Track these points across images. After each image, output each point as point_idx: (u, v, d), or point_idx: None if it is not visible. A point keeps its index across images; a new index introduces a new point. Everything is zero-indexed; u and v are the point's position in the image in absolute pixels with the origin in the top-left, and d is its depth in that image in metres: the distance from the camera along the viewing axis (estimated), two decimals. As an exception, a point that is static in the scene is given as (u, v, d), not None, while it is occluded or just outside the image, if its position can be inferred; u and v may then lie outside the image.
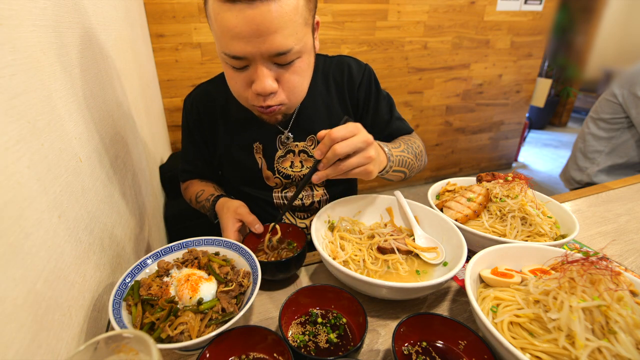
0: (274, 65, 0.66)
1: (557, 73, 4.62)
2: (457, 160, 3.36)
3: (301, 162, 0.91)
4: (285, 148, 0.90)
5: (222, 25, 0.61)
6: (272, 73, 0.67)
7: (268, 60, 0.65)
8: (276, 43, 0.62)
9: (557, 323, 0.47)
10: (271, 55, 0.64)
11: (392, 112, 0.97)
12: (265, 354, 0.54)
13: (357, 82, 0.92)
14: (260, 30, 0.60)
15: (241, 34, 0.60)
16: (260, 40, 0.61)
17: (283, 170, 0.91)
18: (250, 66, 0.66)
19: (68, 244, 0.52)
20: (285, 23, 0.61)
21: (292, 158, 0.91)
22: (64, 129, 0.56)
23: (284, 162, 0.91)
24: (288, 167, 0.91)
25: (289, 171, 0.91)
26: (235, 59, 0.64)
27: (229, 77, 0.71)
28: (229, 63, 0.67)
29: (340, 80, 0.92)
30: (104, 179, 0.73)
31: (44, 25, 0.54)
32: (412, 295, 0.65)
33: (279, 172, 0.91)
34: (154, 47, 2.04)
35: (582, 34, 4.42)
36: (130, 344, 0.37)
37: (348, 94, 0.93)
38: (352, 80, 0.92)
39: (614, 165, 1.81)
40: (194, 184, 0.98)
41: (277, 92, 0.70)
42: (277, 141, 0.90)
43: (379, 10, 2.44)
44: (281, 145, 0.90)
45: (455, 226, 0.75)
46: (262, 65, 0.65)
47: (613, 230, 0.93)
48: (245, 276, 0.64)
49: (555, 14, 3.03)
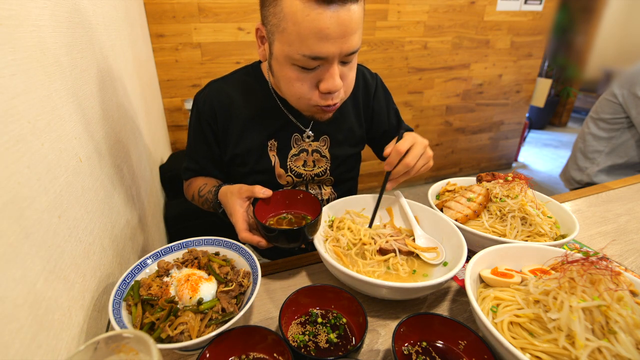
0: (340, 63, 0.70)
1: (557, 73, 4.62)
2: (457, 160, 3.36)
3: (314, 161, 0.94)
4: (299, 147, 0.92)
5: (312, 26, 0.61)
6: (339, 71, 0.70)
7: (340, 59, 0.68)
8: (354, 42, 0.66)
9: (557, 323, 0.47)
10: (347, 55, 0.67)
11: (397, 116, 1.05)
12: (265, 354, 0.54)
13: (372, 92, 0.98)
14: (346, 31, 0.63)
15: (331, 35, 0.62)
16: (344, 40, 0.64)
17: (295, 169, 0.93)
18: (321, 66, 0.68)
19: (68, 244, 0.52)
20: (361, 23, 0.66)
21: (305, 157, 0.93)
22: (64, 129, 0.56)
23: (297, 161, 0.93)
24: (301, 165, 0.93)
25: (301, 170, 0.93)
26: (314, 60, 0.66)
27: (295, 79, 0.70)
28: (302, 65, 0.67)
29: (355, 87, 0.94)
30: (104, 179, 0.73)
31: (44, 25, 0.54)
32: (412, 295, 0.65)
33: (292, 170, 0.93)
34: (154, 47, 2.04)
35: (582, 34, 4.42)
36: (130, 344, 0.37)
37: (363, 102, 0.97)
38: (367, 90, 0.97)
39: (614, 165, 1.81)
40: (197, 180, 0.97)
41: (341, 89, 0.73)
42: (292, 140, 0.92)
43: (379, 10, 2.44)
44: (295, 144, 0.92)
45: (455, 226, 0.75)
46: (336, 64, 0.68)
47: (613, 230, 0.93)
48: (245, 276, 0.64)
49: (555, 14, 3.03)
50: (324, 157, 0.94)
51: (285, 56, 0.68)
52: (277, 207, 0.78)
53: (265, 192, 0.73)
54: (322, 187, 0.99)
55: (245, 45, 2.19)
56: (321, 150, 0.93)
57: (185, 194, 1.02)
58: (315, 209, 0.75)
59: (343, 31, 0.62)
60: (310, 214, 0.76)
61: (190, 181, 0.99)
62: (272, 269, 0.78)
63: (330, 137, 0.94)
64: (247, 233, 0.70)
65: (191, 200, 0.99)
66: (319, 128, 0.92)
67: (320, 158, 0.94)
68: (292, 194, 0.78)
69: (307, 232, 0.69)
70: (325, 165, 0.95)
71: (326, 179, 0.97)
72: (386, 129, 1.02)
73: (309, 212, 0.77)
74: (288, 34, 0.64)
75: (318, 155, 0.93)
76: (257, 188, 0.73)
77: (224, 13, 2.07)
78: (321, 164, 0.94)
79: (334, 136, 0.94)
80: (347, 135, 0.95)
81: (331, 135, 0.94)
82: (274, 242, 0.69)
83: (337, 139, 0.94)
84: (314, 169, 0.94)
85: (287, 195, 0.78)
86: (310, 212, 0.77)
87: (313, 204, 0.76)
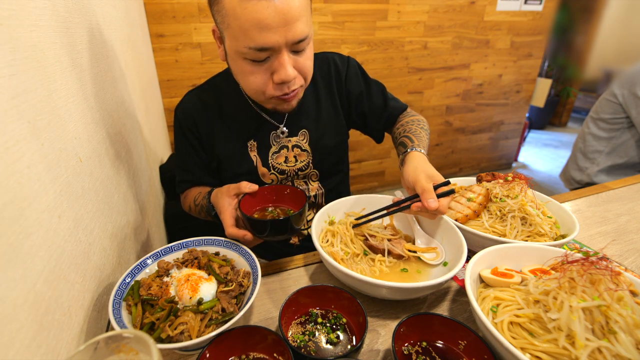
0: (292, 53, 0.71)
1: (557, 73, 4.62)
2: (457, 160, 3.36)
3: (295, 157, 0.94)
4: (279, 144, 0.93)
5: (251, 18, 0.63)
6: (290, 60, 0.71)
7: (288, 49, 0.69)
8: (299, 30, 0.67)
9: (557, 323, 0.47)
10: (294, 43, 0.68)
11: (384, 95, 1.02)
12: (265, 354, 0.54)
13: (343, 75, 0.96)
14: (287, 19, 0.64)
15: (271, 25, 0.63)
16: (287, 29, 0.65)
17: (278, 166, 0.93)
18: (271, 57, 0.69)
19: (68, 244, 0.52)
20: (303, 10, 0.67)
21: (286, 153, 0.93)
22: (64, 129, 0.56)
23: (278, 158, 0.93)
24: (282, 162, 0.93)
25: (284, 166, 0.94)
26: (261, 51, 0.67)
27: (248, 73, 0.72)
28: (251, 57, 0.69)
29: (327, 75, 0.95)
30: (104, 179, 0.73)
31: (44, 25, 0.54)
32: (412, 295, 0.65)
33: (274, 168, 0.93)
34: (154, 47, 2.04)
35: (582, 34, 4.41)
36: (130, 344, 0.37)
37: (336, 87, 0.96)
38: (338, 74, 0.96)
39: (614, 165, 1.81)
40: (192, 191, 0.97)
41: (296, 78, 0.74)
42: (271, 138, 0.92)
43: (379, 10, 2.44)
44: (275, 142, 0.92)
45: (455, 226, 0.75)
46: (284, 54, 0.69)
47: (613, 230, 0.93)
48: (245, 276, 0.64)
49: (555, 14, 3.03)
50: (305, 151, 0.94)
51: (234, 51, 0.70)
52: (263, 201, 0.78)
53: (251, 187, 0.74)
54: (309, 182, 0.99)
55: (245, 45, 2.18)
56: (301, 144, 0.94)
57: (183, 207, 1.02)
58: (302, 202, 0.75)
59: (283, 19, 0.64)
60: (297, 208, 0.76)
61: (185, 193, 0.99)
62: (272, 269, 0.78)
63: (309, 130, 0.94)
64: (233, 228, 0.71)
65: (188, 211, 0.99)
66: (295, 123, 0.93)
67: (301, 152, 0.94)
68: (279, 190, 0.79)
69: (293, 222, 0.69)
70: (307, 159, 0.95)
71: (310, 172, 0.97)
72: (367, 110, 0.99)
73: (296, 207, 0.77)
74: (232, 29, 0.66)
75: (299, 150, 0.94)
76: (243, 184, 0.75)
77: (224, 13, 2.07)
78: (302, 158, 0.94)
79: (312, 129, 0.94)
80: (325, 126, 0.96)
81: (309, 129, 0.94)
82: (259, 234, 0.69)
83: (316, 131, 0.95)
84: (296, 164, 0.94)
85: (274, 191, 0.79)
86: (297, 207, 0.76)
87: (300, 198, 0.76)
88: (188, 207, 0.98)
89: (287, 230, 0.69)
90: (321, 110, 0.95)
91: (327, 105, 0.96)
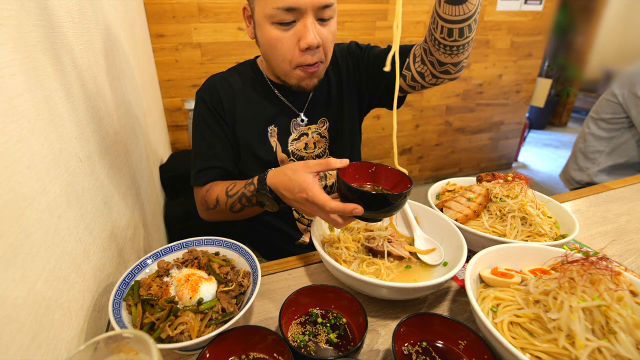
0: (317, 21, 0.75)
1: (557, 73, 4.62)
2: (457, 160, 3.36)
3: (314, 143, 0.96)
4: (299, 131, 0.94)
5: None
6: (316, 28, 0.74)
7: (314, 14, 0.73)
8: None
9: (557, 323, 0.47)
10: (320, 7, 0.72)
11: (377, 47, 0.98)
12: (265, 354, 0.54)
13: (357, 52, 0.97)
14: None
15: None
16: None
17: (297, 152, 0.95)
18: (298, 21, 0.74)
19: (68, 244, 0.52)
20: None
21: (306, 140, 0.95)
22: (64, 129, 0.56)
23: (298, 144, 0.95)
24: (302, 148, 0.95)
25: (303, 152, 0.95)
26: (288, 12, 0.71)
27: (275, 38, 0.75)
28: (279, 20, 0.72)
29: (352, 63, 0.97)
30: (104, 179, 0.73)
31: (44, 25, 0.54)
32: (412, 295, 0.65)
33: (294, 154, 0.95)
34: (154, 47, 2.04)
35: (582, 34, 4.42)
36: (130, 344, 0.37)
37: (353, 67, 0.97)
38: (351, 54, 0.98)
39: (615, 165, 1.81)
40: (217, 184, 0.88)
41: (319, 48, 0.77)
42: (291, 125, 0.94)
43: (379, 10, 2.44)
44: (295, 129, 0.94)
45: (455, 226, 0.75)
46: (310, 17, 0.73)
47: (613, 230, 0.93)
48: (245, 276, 0.64)
49: (555, 14, 3.03)
50: (324, 138, 0.97)
51: (264, 16, 0.74)
52: (358, 179, 0.72)
53: (342, 162, 0.67)
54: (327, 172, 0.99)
55: (245, 45, 2.19)
56: (321, 131, 0.96)
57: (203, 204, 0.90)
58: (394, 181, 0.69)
59: None
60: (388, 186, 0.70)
61: (209, 186, 0.89)
62: (272, 269, 0.78)
63: (328, 118, 0.96)
64: (335, 202, 0.63)
65: (212, 207, 0.88)
66: (315, 111, 0.95)
67: (320, 139, 0.96)
68: (363, 167, 0.72)
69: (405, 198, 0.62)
70: (324, 145, 0.97)
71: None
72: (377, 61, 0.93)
73: (387, 185, 0.71)
74: None
75: (318, 137, 0.96)
76: (331, 159, 0.68)
77: (224, 13, 2.07)
78: (321, 144, 0.97)
79: (331, 116, 0.96)
80: (344, 113, 0.97)
81: (328, 116, 0.96)
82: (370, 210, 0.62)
83: (335, 118, 0.97)
84: (315, 150, 0.96)
85: (358, 169, 0.72)
86: (388, 185, 0.70)
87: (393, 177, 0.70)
88: (215, 202, 0.86)
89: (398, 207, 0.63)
90: (343, 97, 0.97)
91: (353, 92, 0.98)
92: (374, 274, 0.70)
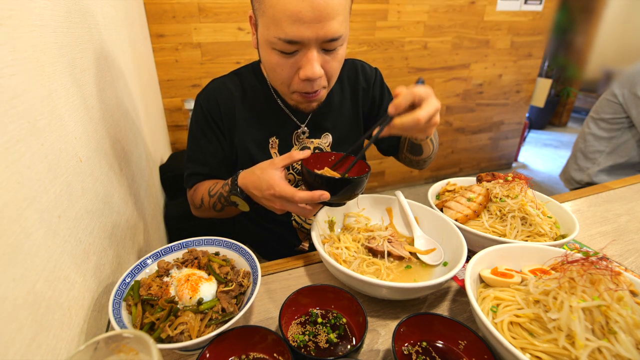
0: (322, 51, 0.69)
1: (557, 73, 4.62)
2: (457, 160, 3.36)
3: None
4: (301, 144, 0.91)
5: (285, 9, 0.62)
6: (319, 58, 0.69)
7: (319, 46, 0.68)
8: (333, 29, 0.65)
9: (557, 323, 0.47)
10: (325, 41, 0.66)
11: None
12: (265, 354, 0.54)
13: (372, 81, 0.96)
14: (321, 16, 0.63)
15: (304, 19, 0.62)
16: (320, 25, 0.63)
17: (297, 166, 0.91)
18: (300, 52, 0.68)
19: (68, 244, 0.52)
20: (342, 9, 0.65)
21: None
22: (64, 129, 0.56)
23: None
24: None
25: None
26: (290, 44, 0.66)
27: (275, 63, 0.71)
28: (280, 48, 0.68)
29: (354, 81, 0.95)
30: (103, 179, 0.73)
31: (44, 25, 0.54)
32: (412, 295, 0.65)
33: (293, 168, 0.92)
34: (154, 47, 2.04)
35: (582, 34, 4.42)
36: (130, 344, 0.37)
37: (362, 94, 0.96)
38: (367, 80, 0.96)
39: (615, 165, 1.81)
40: (203, 184, 0.91)
41: (321, 78, 0.72)
42: (294, 137, 0.91)
43: (379, 10, 2.44)
44: (297, 141, 0.91)
45: (455, 226, 0.75)
46: (314, 50, 0.67)
47: (613, 230, 0.93)
48: (245, 276, 0.64)
49: (555, 14, 3.03)
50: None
51: (265, 40, 0.69)
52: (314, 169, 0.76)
53: (304, 153, 0.71)
54: None
55: (245, 45, 2.19)
56: (323, 147, 0.93)
57: (192, 203, 0.94)
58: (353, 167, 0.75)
59: (318, 15, 0.62)
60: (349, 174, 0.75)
61: (195, 187, 0.93)
62: (272, 269, 0.78)
63: (331, 133, 0.94)
64: (303, 192, 0.65)
65: (199, 207, 0.91)
66: (318, 125, 0.92)
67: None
68: (323, 157, 0.78)
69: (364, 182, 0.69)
70: None
71: None
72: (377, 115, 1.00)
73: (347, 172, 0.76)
74: (266, 17, 0.66)
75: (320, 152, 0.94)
76: (294, 152, 0.71)
77: (224, 13, 2.07)
78: None
79: (335, 132, 0.94)
80: (347, 129, 0.96)
81: (332, 132, 0.94)
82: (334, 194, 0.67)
83: (339, 134, 0.94)
84: None
85: (318, 158, 0.78)
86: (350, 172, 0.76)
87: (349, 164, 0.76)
88: (200, 201, 0.89)
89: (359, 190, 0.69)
90: (344, 113, 0.95)
91: (350, 111, 0.96)
92: (374, 274, 0.70)
